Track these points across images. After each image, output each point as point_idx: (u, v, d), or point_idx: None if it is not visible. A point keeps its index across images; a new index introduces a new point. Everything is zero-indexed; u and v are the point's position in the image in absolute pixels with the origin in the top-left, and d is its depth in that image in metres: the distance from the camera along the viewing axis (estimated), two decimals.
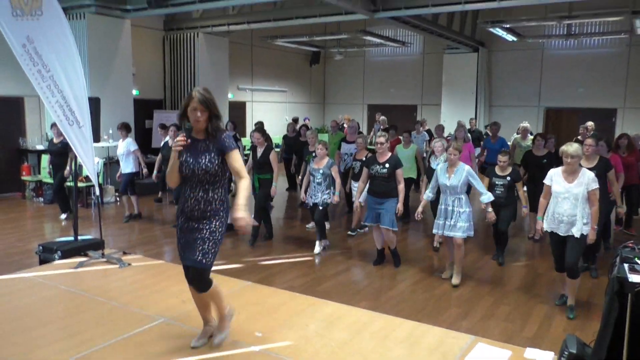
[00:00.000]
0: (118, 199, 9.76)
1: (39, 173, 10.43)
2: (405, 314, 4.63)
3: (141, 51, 12.48)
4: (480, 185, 5.46)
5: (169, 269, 5.58)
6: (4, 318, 4.11)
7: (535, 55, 15.65)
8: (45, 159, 10.33)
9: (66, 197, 8.47)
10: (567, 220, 4.52)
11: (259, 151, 6.98)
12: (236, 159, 3.36)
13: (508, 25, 12.79)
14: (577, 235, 4.49)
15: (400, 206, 5.87)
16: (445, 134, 10.00)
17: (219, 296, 3.56)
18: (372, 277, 5.93)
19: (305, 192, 6.87)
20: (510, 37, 14.01)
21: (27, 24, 5.31)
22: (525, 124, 9.02)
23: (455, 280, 5.52)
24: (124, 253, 6.17)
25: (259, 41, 15.97)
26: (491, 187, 6.12)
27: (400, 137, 8.68)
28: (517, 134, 9.06)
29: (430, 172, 6.42)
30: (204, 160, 3.29)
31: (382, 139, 5.98)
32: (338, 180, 6.59)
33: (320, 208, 6.59)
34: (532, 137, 8.99)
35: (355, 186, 7.14)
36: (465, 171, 5.38)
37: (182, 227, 3.41)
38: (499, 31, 13.30)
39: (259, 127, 7.78)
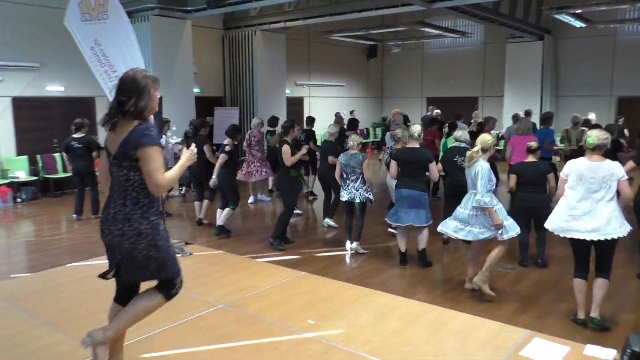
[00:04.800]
0: (182, 194, 10.17)
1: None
2: (461, 308, 4.55)
3: (202, 50, 12.92)
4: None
5: (227, 259, 5.78)
6: (76, 301, 4.42)
7: (607, 41, 14.78)
8: None
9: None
10: None
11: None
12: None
13: (576, 11, 12.15)
14: None
15: None
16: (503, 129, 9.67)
17: None
18: (428, 270, 5.86)
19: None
20: (578, 24, 13.31)
21: (95, 27, 5.65)
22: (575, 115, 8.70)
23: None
24: (186, 243, 6.44)
25: (316, 36, 16.08)
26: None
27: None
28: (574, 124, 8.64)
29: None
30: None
31: (418, 129, 5.77)
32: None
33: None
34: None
35: None
36: None
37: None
38: (565, 17, 12.67)
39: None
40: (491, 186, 4.73)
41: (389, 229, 7.12)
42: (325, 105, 17.19)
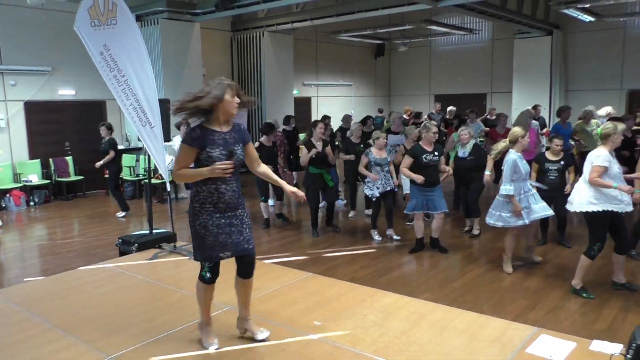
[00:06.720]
0: None
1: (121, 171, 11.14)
2: (470, 306, 4.57)
3: (210, 52, 13.00)
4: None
5: (232, 261, 5.82)
6: (87, 304, 4.49)
7: (616, 35, 14.64)
8: (126, 158, 11.05)
9: (122, 196, 8.99)
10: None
11: (319, 145, 7.10)
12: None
13: (584, 5, 12.04)
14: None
15: None
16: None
17: None
18: (437, 268, 5.88)
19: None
20: (587, 18, 13.19)
21: (104, 33, 5.71)
22: (590, 108, 8.48)
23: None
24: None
25: (323, 37, 16.11)
26: (544, 173, 6.11)
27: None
28: (580, 119, 8.50)
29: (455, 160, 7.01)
30: (239, 151, 3.40)
31: (435, 128, 6.18)
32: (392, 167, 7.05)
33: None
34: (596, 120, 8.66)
35: None
36: None
37: (219, 223, 3.41)
38: (574, 12, 12.56)
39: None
40: (517, 177, 5.28)
41: (407, 223, 7.63)
42: (332, 104, 17.20)
